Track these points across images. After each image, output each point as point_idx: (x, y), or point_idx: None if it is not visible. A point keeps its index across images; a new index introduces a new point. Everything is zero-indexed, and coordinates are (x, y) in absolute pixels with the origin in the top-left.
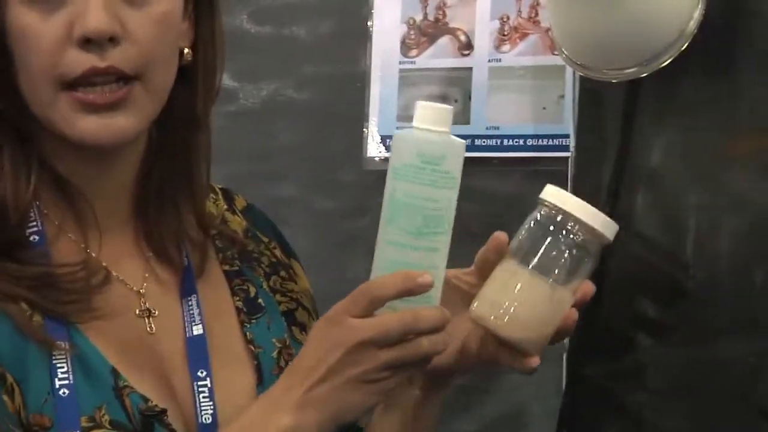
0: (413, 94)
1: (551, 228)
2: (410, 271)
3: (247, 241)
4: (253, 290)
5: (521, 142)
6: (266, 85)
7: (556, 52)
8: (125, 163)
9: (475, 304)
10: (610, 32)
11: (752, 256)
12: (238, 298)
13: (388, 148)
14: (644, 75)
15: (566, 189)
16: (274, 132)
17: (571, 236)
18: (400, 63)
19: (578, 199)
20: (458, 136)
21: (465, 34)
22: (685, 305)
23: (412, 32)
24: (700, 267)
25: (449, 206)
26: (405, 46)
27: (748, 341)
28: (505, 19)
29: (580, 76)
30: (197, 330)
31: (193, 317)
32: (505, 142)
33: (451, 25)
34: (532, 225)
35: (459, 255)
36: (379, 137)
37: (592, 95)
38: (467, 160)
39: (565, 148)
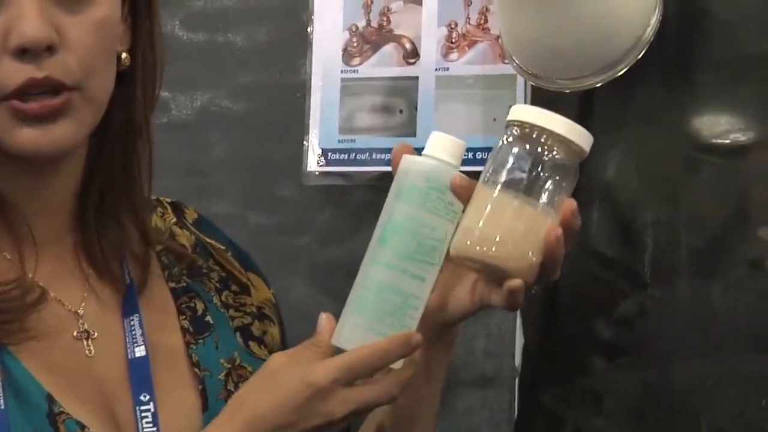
0: (356, 105)
1: (523, 146)
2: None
3: (196, 256)
4: (201, 307)
5: (470, 155)
6: (200, 95)
7: (506, 61)
8: (64, 176)
9: (451, 244)
10: (563, 40)
11: (711, 273)
12: (184, 317)
13: (329, 162)
14: (599, 84)
15: None
16: (208, 145)
17: (544, 151)
18: (342, 72)
19: (548, 112)
20: None
21: (410, 41)
22: (642, 326)
23: (354, 39)
24: (658, 285)
25: (445, 239)
26: (347, 54)
27: (707, 363)
28: (452, 26)
29: (532, 85)
30: (140, 351)
31: (135, 338)
32: None
33: (396, 31)
34: (501, 146)
35: None
36: (320, 150)
37: (545, 105)
38: None
39: None
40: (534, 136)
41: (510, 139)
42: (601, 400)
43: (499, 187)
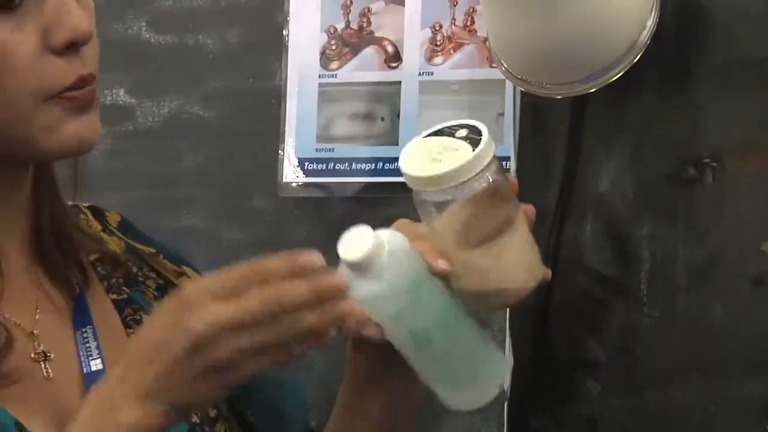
0: (334, 112)
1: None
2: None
3: (130, 264)
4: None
5: None
6: (168, 101)
7: (494, 65)
8: (25, 183)
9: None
10: (554, 43)
11: (711, 291)
12: (131, 330)
13: (306, 172)
14: (592, 90)
15: None
16: (176, 154)
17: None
18: (320, 77)
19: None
20: (386, 158)
21: (392, 44)
22: (638, 346)
23: (332, 42)
24: (655, 304)
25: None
26: (325, 58)
27: (707, 387)
28: (437, 28)
29: (521, 91)
30: (95, 365)
31: (90, 351)
32: None
33: (377, 34)
34: (424, 209)
35: None
36: (296, 160)
37: (535, 113)
38: (394, 185)
39: (505, 172)
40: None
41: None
42: (595, 425)
43: (474, 243)
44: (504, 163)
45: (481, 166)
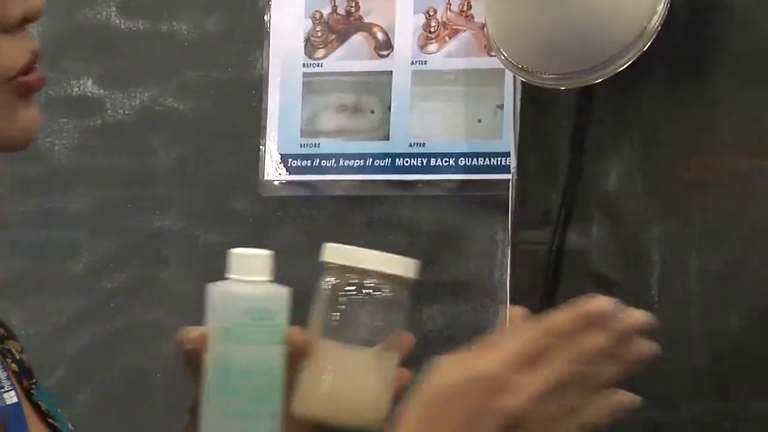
0: (320, 104)
1: (345, 290)
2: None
3: None
4: (17, 348)
5: (452, 161)
6: (140, 92)
7: (492, 53)
8: None
9: (295, 401)
10: (558, 30)
11: (727, 298)
12: (11, 361)
13: (289, 170)
14: (598, 81)
15: (507, 217)
16: (149, 150)
17: (370, 291)
18: (304, 66)
19: (364, 250)
20: (376, 154)
21: (383, 30)
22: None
23: (318, 28)
24: (666, 312)
25: (283, 363)
26: (310, 46)
27: (722, 402)
28: (431, 13)
29: (522, 82)
30: (10, 398)
31: (2, 383)
32: (433, 161)
33: (366, 20)
34: (323, 293)
35: None
36: (279, 156)
37: (537, 105)
38: (388, 184)
39: (505, 169)
40: (354, 278)
41: (330, 283)
42: None
43: (334, 338)
44: (503, 159)
45: (413, 272)
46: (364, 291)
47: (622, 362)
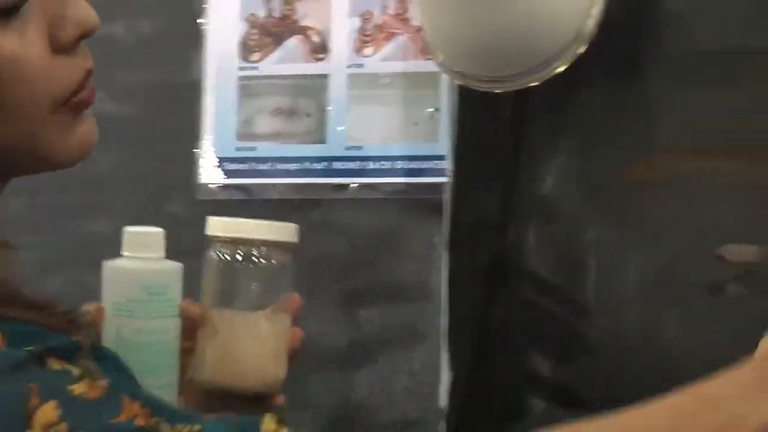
0: (256, 107)
1: (232, 261)
2: None
3: None
4: None
5: (388, 164)
6: None
7: (429, 57)
8: None
9: (194, 370)
10: (494, 33)
11: (664, 301)
12: None
13: (226, 173)
14: (535, 84)
15: (441, 221)
16: None
17: (255, 260)
18: (240, 69)
19: (246, 221)
20: (312, 157)
21: (319, 34)
22: (586, 360)
23: (253, 32)
24: (603, 314)
25: (177, 336)
26: (246, 49)
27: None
28: (367, 17)
29: (458, 85)
30: None
31: None
32: (369, 164)
33: (302, 23)
34: (211, 265)
35: (323, 301)
36: (216, 160)
37: (473, 108)
38: (321, 187)
39: (442, 172)
40: (239, 248)
41: (217, 255)
42: None
43: (225, 307)
44: (440, 162)
45: (295, 236)
46: (250, 259)
47: None
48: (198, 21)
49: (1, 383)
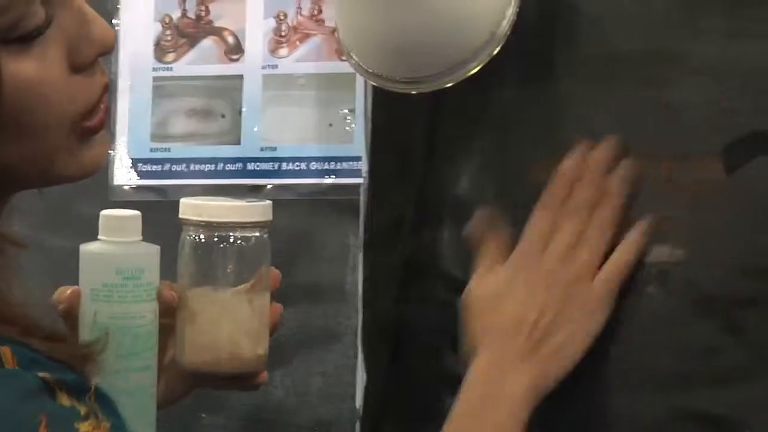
0: (170, 108)
1: (207, 242)
2: None
3: None
4: None
5: (303, 165)
6: None
7: (344, 58)
8: None
9: (176, 352)
10: (407, 35)
11: None
12: None
13: (139, 174)
14: (449, 85)
15: (359, 221)
16: None
17: (229, 239)
18: (154, 70)
19: (218, 202)
20: (227, 158)
21: (233, 35)
22: None
23: (168, 33)
24: None
25: (155, 318)
26: (160, 50)
27: (574, 404)
28: (282, 18)
29: (373, 86)
30: None
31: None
32: (284, 165)
33: (217, 24)
34: (187, 247)
35: None
36: (129, 161)
37: (388, 110)
38: (236, 188)
39: (357, 173)
40: (211, 229)
41: (194, 237)
42: None
43: (203, 288)
44: (355, 163)
45: (269, 215)
46: (224, 239)
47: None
48: (111, 21)
49: (15, 408)
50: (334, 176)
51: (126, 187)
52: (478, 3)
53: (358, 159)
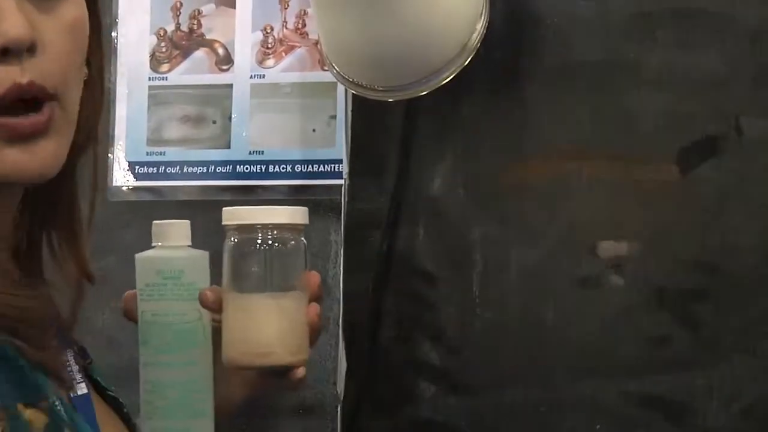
0: (165, 115)
1: (248, 245)
2: None
3: None
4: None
5: (288, 168)
6: None
7: (325, 68)
8: (6, 208)
9: (223, 351)
10: (385, 46)
11: (544, 293)
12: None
13: (137, 176)
14: (423, 93)
15: (340, 219)
16: None
17: (270, 242)
18: (150, 79)
19: (257, 208)
20: (218, 161)
21: (223, 46)
22: (471, 349)
23: (163, 44)
24: (488, 306)
25: (201, 317)
26: (155, 61)
27: (540, 389)
28: (268, 30)
29: (353, 94)
30: (81, 389)
31: (73, 374)
32: (271, 168)
33: (208, 36)
34: (229, 252)
35: None
36: (127, 164)
37: (367, 116)
38: (226, 189)
39: (338, 175)
40: (254, 234)
41: (233, 241)
42: (430, 428)
43: (246, 290)
44: (336, 165)
45: (305, 219)
46: (264, 243)
47: None
48: (110, 34)
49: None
50: (317, 178)
51: (124, 188)
52: (450, 18)
53: (339, 162)
